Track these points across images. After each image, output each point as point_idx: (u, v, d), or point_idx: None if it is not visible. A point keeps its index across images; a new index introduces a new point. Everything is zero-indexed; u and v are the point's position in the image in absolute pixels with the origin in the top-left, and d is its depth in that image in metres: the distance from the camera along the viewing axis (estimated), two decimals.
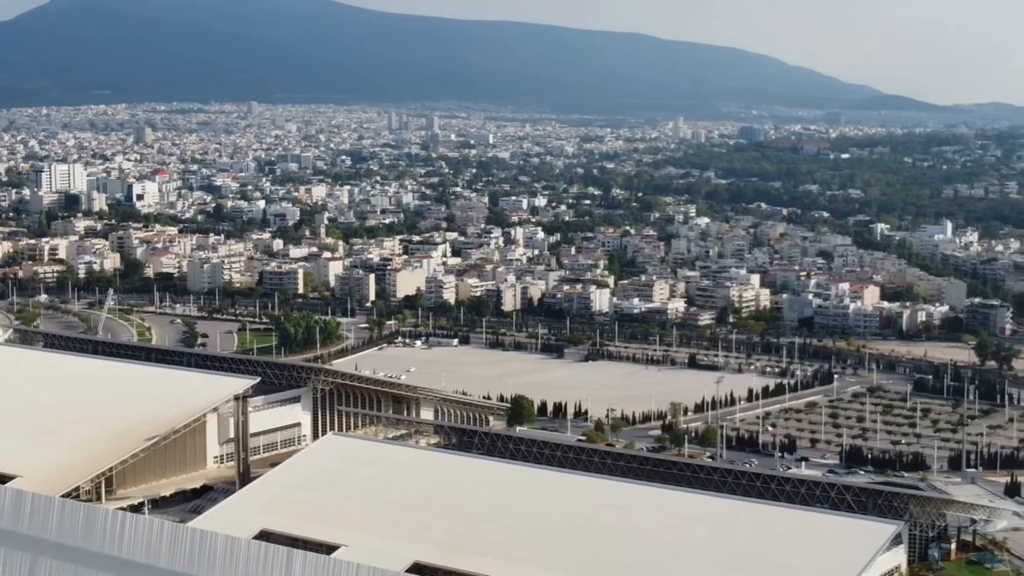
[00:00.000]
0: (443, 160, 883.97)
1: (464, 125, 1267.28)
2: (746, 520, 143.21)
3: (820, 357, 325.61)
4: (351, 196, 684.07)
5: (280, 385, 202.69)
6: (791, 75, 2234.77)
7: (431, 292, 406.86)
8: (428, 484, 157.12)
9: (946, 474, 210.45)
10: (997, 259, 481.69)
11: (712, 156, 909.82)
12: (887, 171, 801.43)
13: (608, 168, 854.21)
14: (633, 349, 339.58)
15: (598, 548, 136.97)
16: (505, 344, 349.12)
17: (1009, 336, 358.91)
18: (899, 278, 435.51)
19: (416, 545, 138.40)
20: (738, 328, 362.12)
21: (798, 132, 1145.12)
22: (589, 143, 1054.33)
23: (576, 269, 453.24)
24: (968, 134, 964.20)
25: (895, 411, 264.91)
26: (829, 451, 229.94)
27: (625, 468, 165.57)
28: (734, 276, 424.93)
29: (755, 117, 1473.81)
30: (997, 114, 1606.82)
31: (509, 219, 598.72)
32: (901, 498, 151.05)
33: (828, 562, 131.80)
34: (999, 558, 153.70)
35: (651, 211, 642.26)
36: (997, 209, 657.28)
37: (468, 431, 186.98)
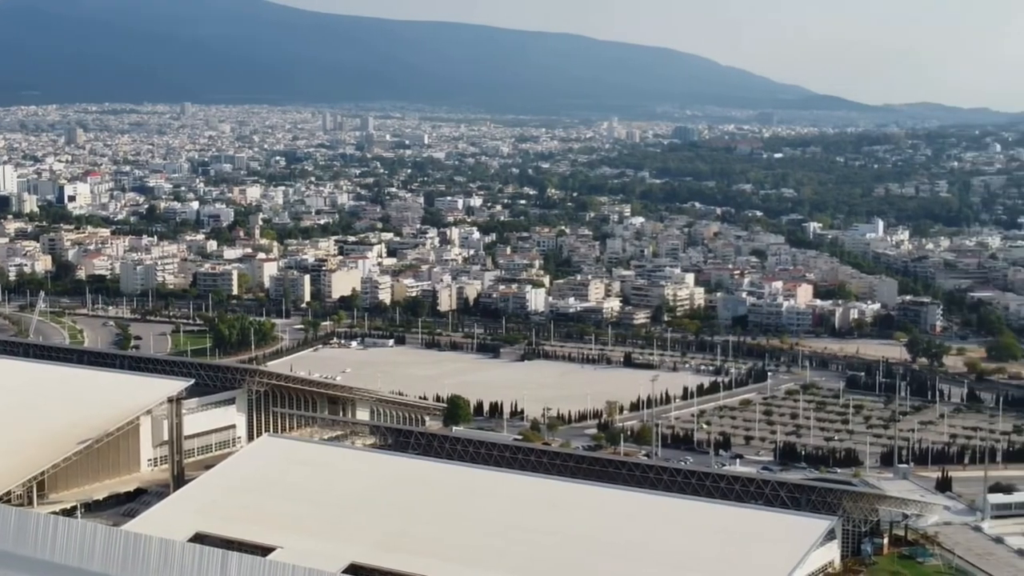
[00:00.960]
0: (378, 160, 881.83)
1: (399, 125, 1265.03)
2: (682, 517, 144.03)
3: (754, 355, 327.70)
4: (286, 197, 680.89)
5: (214, 387, 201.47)
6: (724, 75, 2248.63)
7: (366, 293, 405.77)
8: (364, 485, 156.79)
9: (878, 470, 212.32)
10: (928, 257, 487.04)
11: (646, 156, 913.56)
12: (819, 170, 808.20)
13: (543, 168, 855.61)
14: (569, 348, 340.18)
15: (535, 547, 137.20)
16: (441, 344, 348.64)
17: (940, 333, 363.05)
18: (831, 276, 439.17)
19: (352, 546, 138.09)
20: (673, 327, 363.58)
21: (731, 132, 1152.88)
22: (524, 143, 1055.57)
23: (512, 269, 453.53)
24: (899, 134, 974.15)
25: (828, 408, 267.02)
26: (763, 448, 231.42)
27: (561, 467, 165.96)
28: (669, 275, 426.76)
29: (689, 117, 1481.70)
30: (927, 114, 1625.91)
31: (444, 219, 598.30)
32: (834, 494, 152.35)
33: (763, 558, 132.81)
34: (931, 552, 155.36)
35: (586, 211, 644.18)
36: (927, 208, 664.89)
37: (404, 431, 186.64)
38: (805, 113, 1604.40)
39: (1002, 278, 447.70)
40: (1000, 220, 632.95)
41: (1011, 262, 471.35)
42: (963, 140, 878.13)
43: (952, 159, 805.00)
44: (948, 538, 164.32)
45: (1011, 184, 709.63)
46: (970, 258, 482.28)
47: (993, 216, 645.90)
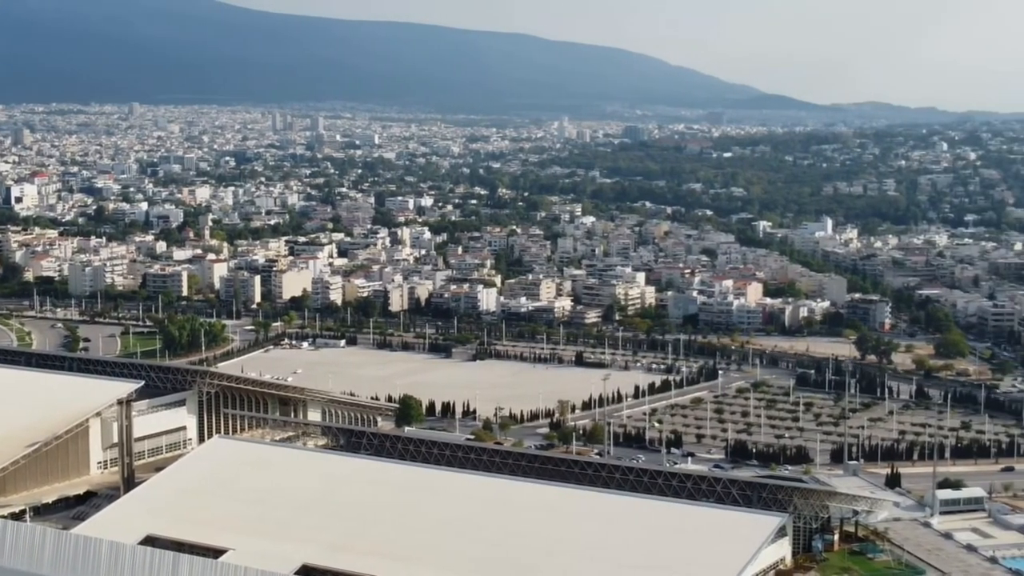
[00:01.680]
0: (328, 161, 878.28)
1: (349, 125, 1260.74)
2: (634, 515, 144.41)
3: (705, 353, 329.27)
4: (235, 197, 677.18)
5: (165, 389, 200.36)
6: (674, 75, 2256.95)
7: (317, 293, 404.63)
8: (316, 486, 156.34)
9: (829, 467, 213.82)
10: (876, 255, 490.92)
11: (597, 155, 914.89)
12: (768, 169, 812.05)
13: (494, 168, 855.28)
14: (520, 348, 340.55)
15: (487, 547, 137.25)
16: (393, 344, 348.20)
17: (888, 330, 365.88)
18: (781, 275, 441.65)
19: (305, 547, 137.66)
20: (624, 326, 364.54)
21: (681, 131, 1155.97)
22: (475, 143, 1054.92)
23: (463, 269, 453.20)
24: (847, 133, 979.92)
25: (778, 405, 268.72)
26: (715, 446, 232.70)
27: (513, 466, 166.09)
28: (620, 274, 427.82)
29: (639, 117, 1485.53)
30: (874, 113, 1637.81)
31: (395, 219, 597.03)
32: (785, 491, 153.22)
33: (715, 555, 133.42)
34: (881, 548, 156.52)
35: (537, 210, 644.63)
36: (875, 206, 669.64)
37: (356, 432, 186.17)
38: (754, 112, 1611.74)
39: (949, 276, 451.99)
40: (947, 218, 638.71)
41: (958, 260, 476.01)
42: (910, 139, 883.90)
43: (899, 158, 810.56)
44: (898, 534, 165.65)
45: (958, 182, 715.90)
46: (918, 256, 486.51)
47: (940, 214, 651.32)
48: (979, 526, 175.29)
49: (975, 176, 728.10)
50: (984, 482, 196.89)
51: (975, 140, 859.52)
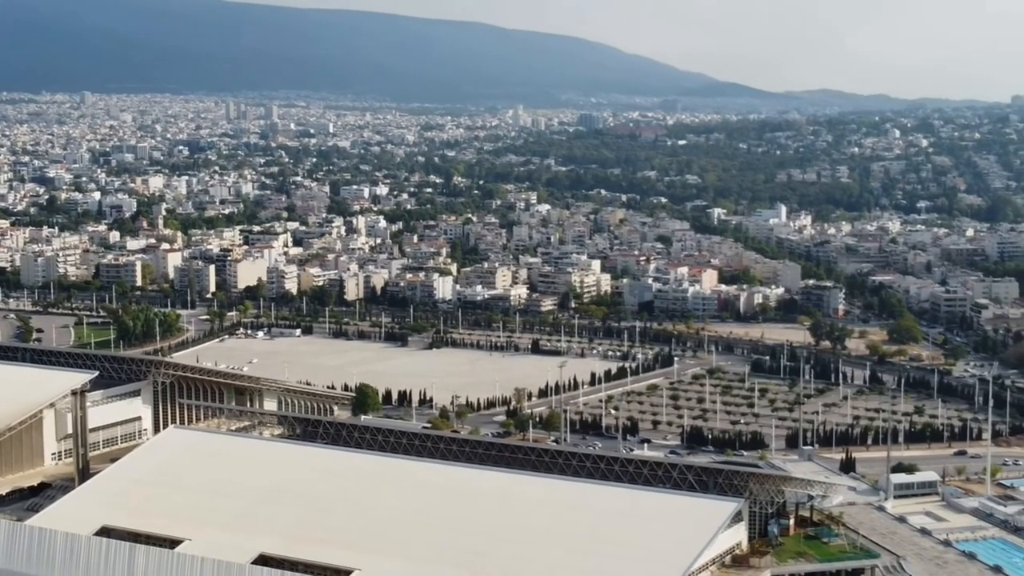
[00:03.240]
0: (283, 149, 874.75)
1: (303, 114, 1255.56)
2: (591, 502, 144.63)
3: (660, 340, 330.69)
4: (189, 187, 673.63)
5: (119, 379, 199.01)
6: (628, 63, 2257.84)
7: (272, 282, 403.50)
8: (272, 475, 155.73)
9: (784, 452, 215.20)
10: (830, 242, 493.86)
11: (552, 144, 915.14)
12: (723, 157, 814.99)
13: (449, 156, 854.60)
14: (477, 336, 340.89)
15: (444, 535, 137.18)
16: (348, 333, 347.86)
17: (842, 316, 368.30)
18: (736, 262, 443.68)
19: (261, 537, 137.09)
20: (580, 313, 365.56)
21: (636, 119, 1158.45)
22: (430, 131, 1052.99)
23: (419, 257, 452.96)
24: (800, 120, 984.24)
25: (734, 392, 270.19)
26: (671, 432, 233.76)
27: (470, 454, 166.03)
28: (575, 262, 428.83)
29: (593, 105, 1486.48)
30: (827, 100, 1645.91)
31: (350, 208, 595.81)
32: (741, 476, 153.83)
33: (671, 541, 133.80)
34: (836, 532, 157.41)
35: (492, 199, 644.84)
36: (829, 193, 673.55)
37: (312, 421, 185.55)
38: (708, 100, 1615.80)
39: (902, 262, 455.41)
40: (899, 205, 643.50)
41: (911, 246, 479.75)
42: (863, 126, 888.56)
43: (852, 145, 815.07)
44: (852, 518, 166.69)
45: (910, 169, 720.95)
46: (871, 242, 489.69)
47: (893, 201, 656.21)
48: (932, 510, 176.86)
49: (927, 163, 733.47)
50: (937, 466, 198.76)
51: (927, 127, 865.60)
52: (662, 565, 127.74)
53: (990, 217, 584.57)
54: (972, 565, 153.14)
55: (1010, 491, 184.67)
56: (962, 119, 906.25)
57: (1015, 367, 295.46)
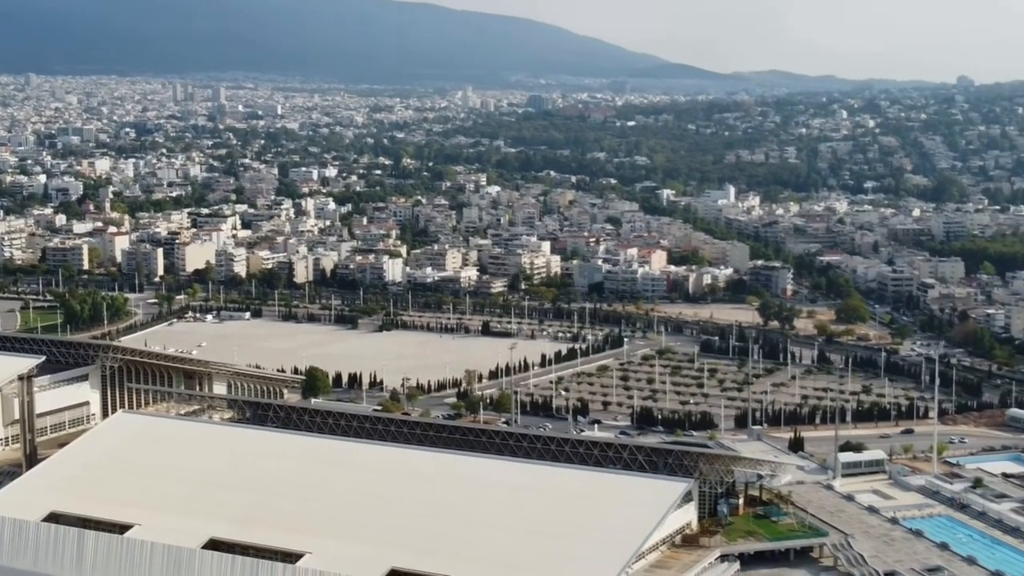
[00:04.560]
0: (231, 131, 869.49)
1: (251, 96, 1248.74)
2: (542, 483, 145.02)
3: (610, 321, 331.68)
4: (136, 169, 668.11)
5: (67, 364, 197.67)
6: (578, 44, 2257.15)
7: (221, 265, 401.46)
8: (222, 459, 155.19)
9: (733, 432, 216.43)
10: (778, 222, 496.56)
11: (501, 125, 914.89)
12: (671, 138, 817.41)
13: (398, 138, 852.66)
14: (427, 318, 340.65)
15: (396, 518, 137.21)
16: (298, 316, 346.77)
17: (790, 297, 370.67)
18: (685, 242, 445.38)
19: (212, 521, 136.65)
20: (530, 295, 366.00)
21: (585, 100, 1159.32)
22: (379, 113, 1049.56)
23: (368, 239, 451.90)
24: (748, 101, 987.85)
25: (683, 372, 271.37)
26: (621, 413, 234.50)
27: (421, 436, 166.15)
28: (525, 244, 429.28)
29: (543, 86, 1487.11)
30: (775, 81, 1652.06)
31: (299, 190, 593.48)
32: (691, 456, 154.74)
33: (622, 521, 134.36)
34: (784, 511, 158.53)
35: (442, 180, 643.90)
36: (777, 174, 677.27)
37: (262, 405, 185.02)
38: (657, 82, 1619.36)
39: (849, 242, 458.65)
40: (847, 185, 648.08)
41: (858, 226, 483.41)
42: (810, 107, 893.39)
43: (800, 126, 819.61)
44: (801, 497, 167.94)
45: (857, 150, 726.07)
46: (818, 223, 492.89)
47: (840, 181, 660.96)
48: (880, 488, 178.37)
49: (874, 143, 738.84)
50: (884, 445, 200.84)
51: (874, 108, 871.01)
52: (612, 545, 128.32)
53: (936, 197, 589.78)
54: (919, 542, 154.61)
55: (956, 469, 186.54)
56: (908, 100, 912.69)
57: (961, 346, 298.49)
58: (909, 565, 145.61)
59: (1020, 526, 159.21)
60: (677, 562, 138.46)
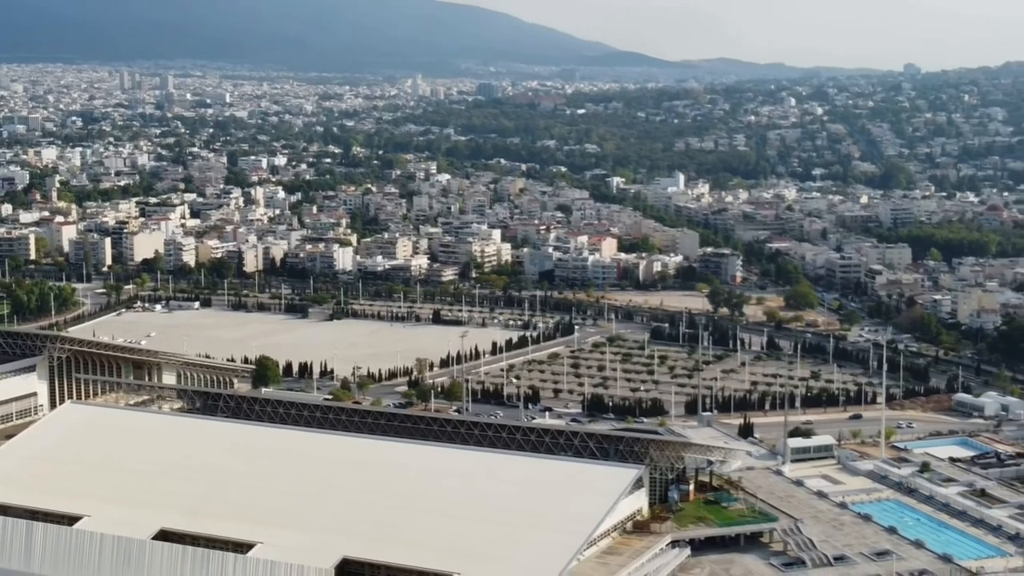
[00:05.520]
0: (179, 120, 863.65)
1: (199, 84, 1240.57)
2: (493, 471, 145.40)
3: (561, 309, 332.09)
4: (83, 158, 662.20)
5: (13, 354, 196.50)
6: (528, 32, 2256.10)
7: (170, 255, 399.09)
8: (172, 450, 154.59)
9: (683, 418, 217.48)
10: (727, 209, 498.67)
11: (451, 113, 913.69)
12: (621, 126, 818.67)
13: (348, 126, 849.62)
14: (378, 307, 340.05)
15: (348, 507, 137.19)
16: (248, 305, 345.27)
17: (740, 283, 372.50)
18: (635, 230, 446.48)
19: (162, 512, 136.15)
20: (481, 283, 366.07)
21: (535, 88, 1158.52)
22: (328, 101, 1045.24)
23: (318, 228, 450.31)
24: (697, 89, 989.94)
25: (634, 359, 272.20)
26: (572, 400, 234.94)
27: (373, 425, 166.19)
28: (476, 232, 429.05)
29: (493, 74, 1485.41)
30: (724, 69, 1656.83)
31: (249, 179, 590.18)
32: (641, 443, 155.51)
33: (574, 508, 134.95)
34: (735, 497, 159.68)
35: (392, 169, 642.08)
36: (726, 161, 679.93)
37: (212, 394, 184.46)
38: (607, 69, 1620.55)
39: (798, 229, 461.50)
40: (795, 172, 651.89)
41: (806, 213, 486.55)
42: (759, 95, 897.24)
43: (749, 113, 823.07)
44: (751, 482, 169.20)
45: (805, 137, 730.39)
46: (767, 210, 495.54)
47: (789, 168, 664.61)
48: (829, 473, 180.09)
49: (822, 131, 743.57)
50: (833, 430, 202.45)
51: (822, 95, 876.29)
52: (564, 532, 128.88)
53: (883, 184, 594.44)
54: (868, 526, 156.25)
55: (904, 454, 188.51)
56: (856, 87, 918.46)
57: (908, 331, 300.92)
58: (858, 549, 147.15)
59: (967, 510, 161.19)
60: (628, 548, 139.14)
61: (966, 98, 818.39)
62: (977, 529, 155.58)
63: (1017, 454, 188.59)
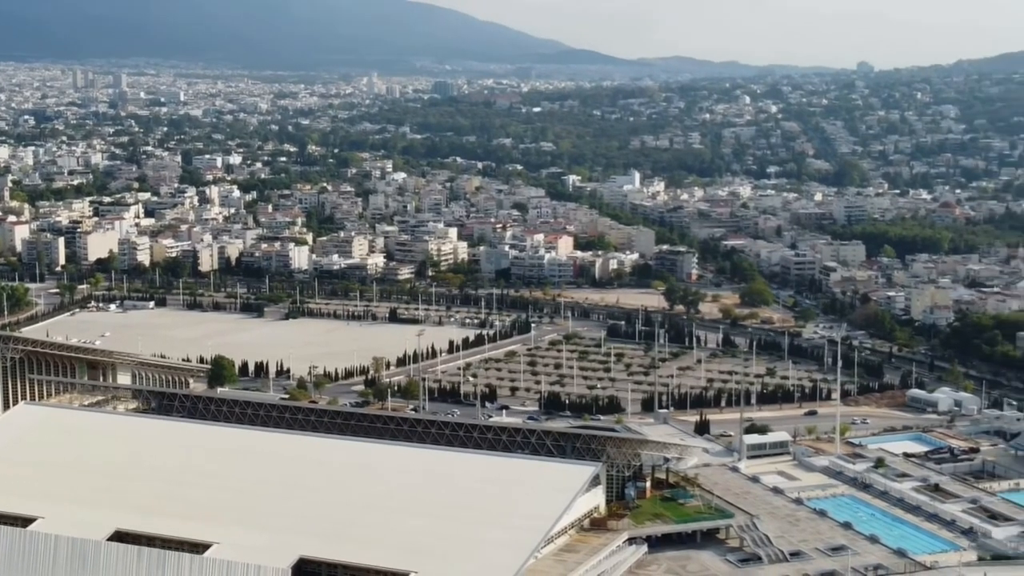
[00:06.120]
0: (133, 119, 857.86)
1: (153, 83, 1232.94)
2: (450, 469, 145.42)
3: (517, 307, 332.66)
4: (36, 157, 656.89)
5: None
6: (482, 30, 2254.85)
7: (124, 254, 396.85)
8: (128, 450, 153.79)
9: (640, 415, 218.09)
10: (683, 207, 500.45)
11: (407, 111, 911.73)
12: (577, 124, 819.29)
13: (303, 125, 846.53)
14: (334, 305, 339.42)
15: (304, 506, 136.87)
16: (203, 305, 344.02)
17: (695, 281, 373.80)
18: (591, 228, 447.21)
19: (117, 513, 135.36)
20: (437, 281, 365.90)
21: (491, 87, 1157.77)
22: (283, 99, 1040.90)
23: (274, 227, 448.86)
24: (653, 87, 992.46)
25: (590, 357, 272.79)
26: (529, 398, 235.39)
27: (329, 424, 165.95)
28: (432, 230, 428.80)
29: (448, 72, 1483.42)
30: (679, 67, 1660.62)
31: (203, 178, 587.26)
32: (598, 440, 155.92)
33: (531, 505, 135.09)
34: (691, 493, 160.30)
35: (348, 167, 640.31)
36: (681, 159, 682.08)
37: (168, 394, 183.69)
38: (562, 67, 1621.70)
39: (753, 226, 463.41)
40: (750, 170, 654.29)
41: (761, 211, 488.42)
42: (714, 93, 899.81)
43: (704, 111, 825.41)
44: (707, 479, 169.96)
45: (760, 135, 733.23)
46: (723, 207, 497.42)
47: (743, 166, 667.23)
48: (785, 469, 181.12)
49: (776, 129, 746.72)
50: (789, 426, 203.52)
51: (776, 93, 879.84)
52: (521, 530, 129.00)
53: (837, 181, 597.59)
54: (823, 522, 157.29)
55: (859, 449, 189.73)
56: (810, 85, 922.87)
57: (862, 328, 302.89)
58: (813, 545, 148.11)
59: (921, 505, 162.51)
60: (585, 545, 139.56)
61: (919, 96, 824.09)
62: (931, 524, 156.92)
63: (970, 449, 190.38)
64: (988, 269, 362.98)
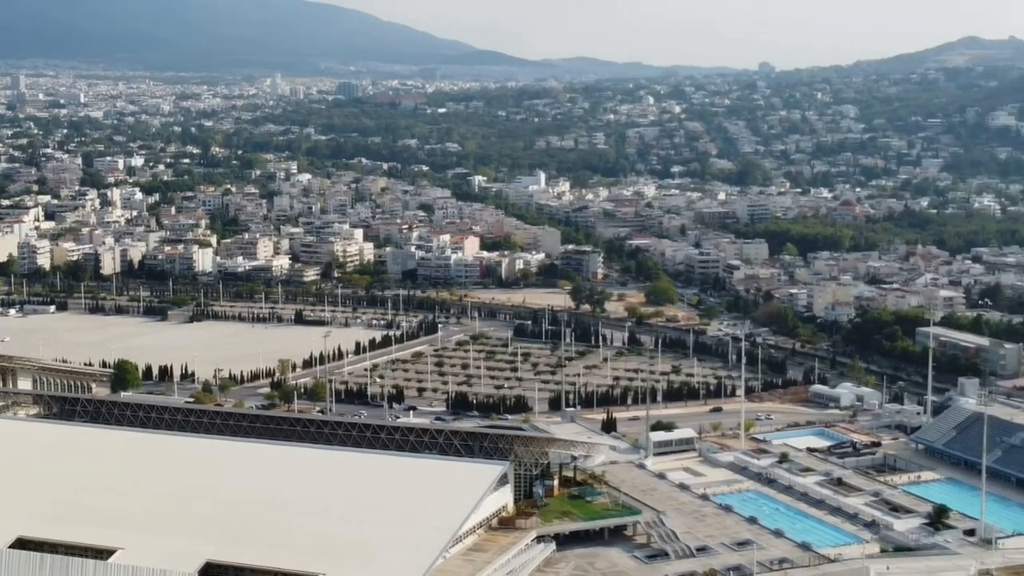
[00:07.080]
0: (31, 120, 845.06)
1: (53, 84, 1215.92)
2: (358, 471, 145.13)
3: (424, 308, 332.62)
4: None
5: None
6: (386, 31, 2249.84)
7: (24, 258, 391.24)
8: (29, 456, 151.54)
9: (547, 414, 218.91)
10: (588, 207, 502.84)
11: (311, 112, 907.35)
12: (482, 125, 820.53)
13: (207, 126, 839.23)
14: (239, 308, 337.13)
15: (211, 509, 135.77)
16: (106, 308, 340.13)
17: (601, 280, 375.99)
18: (497, 228, 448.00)
19: (18, 520, 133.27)
20: (343, 282, 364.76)
21: (395, 88, 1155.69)
22: (186, 101, 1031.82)
23: (177, 229, 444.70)
24: (557, 88, 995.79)
25: (497, 357, 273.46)
26: (436, 399, 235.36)
27: (235, 427, 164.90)
28: (337, 231, 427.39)
29: (352, 73, 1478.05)
30: (584, 68, 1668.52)
31: (105, 180, 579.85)
32: (506, 439, 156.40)
33: (439, 506, 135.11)
34: (598, 491, 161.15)
35: (252, 169, 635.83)
36: (586, 159, 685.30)
37: (70, 399, 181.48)
38: (467, 68, 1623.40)
39: (658, 225, 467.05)
40: (654, 170, 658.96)
41: (665, 210, 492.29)
42: (618, 93, 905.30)
43: (608, 112, 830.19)
44: (615, 476, 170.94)
45: (664, 135, 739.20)
46: (627, 207, 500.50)
47: (648, 166, 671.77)
48: (691, 465, 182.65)
49: (680, 129, 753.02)
50: (694, 423, 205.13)
51: (679, 94, 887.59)
52: (429, 530, 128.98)
53: (740, 181, 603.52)
54: (729, 517, 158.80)
55: (763, 445, 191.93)
56: (713, 86, 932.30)
57: (766, 325, 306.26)
58: (720, 540, 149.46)
59: (824, 499, 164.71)
60: (494, 544, 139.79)
61: (819, 96, 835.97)
62: (835, 517, 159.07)
63: (872, 443, 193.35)
64: (888, 266, 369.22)
